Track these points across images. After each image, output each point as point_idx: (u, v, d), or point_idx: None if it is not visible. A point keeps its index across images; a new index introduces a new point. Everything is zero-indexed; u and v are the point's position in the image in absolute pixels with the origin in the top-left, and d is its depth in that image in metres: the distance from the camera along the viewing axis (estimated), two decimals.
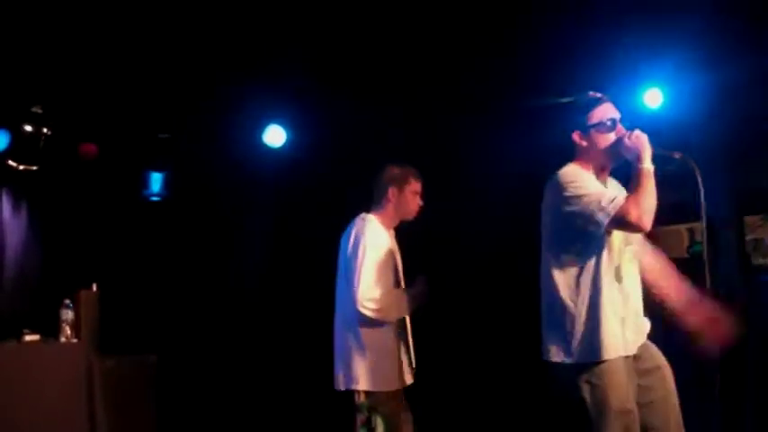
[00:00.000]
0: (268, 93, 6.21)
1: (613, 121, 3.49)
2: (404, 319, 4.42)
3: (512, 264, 5.55)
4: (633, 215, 3.22)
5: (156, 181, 6.64)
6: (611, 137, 3.48)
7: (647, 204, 3.24)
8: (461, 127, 6.43)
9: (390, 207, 4.45)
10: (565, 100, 6.08)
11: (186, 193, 6.77)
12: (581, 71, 5.77)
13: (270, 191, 6.80)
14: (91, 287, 5.46)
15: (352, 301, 4.22)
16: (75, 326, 5.22)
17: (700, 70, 5.61)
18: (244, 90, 6.14)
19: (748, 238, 6.51)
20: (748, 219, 6.38)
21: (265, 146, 6.59)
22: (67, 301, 5.25)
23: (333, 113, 6.48)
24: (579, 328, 3.37)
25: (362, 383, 4.23)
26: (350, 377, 4.29)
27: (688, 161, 3.43)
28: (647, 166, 3.30)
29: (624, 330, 3.40)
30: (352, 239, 4.34)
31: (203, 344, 6.57)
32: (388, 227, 4.45)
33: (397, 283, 4.42)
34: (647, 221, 3.25)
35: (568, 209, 3.37)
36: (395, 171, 4.47)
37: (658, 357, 3.55)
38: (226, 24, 5.45)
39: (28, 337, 5.11)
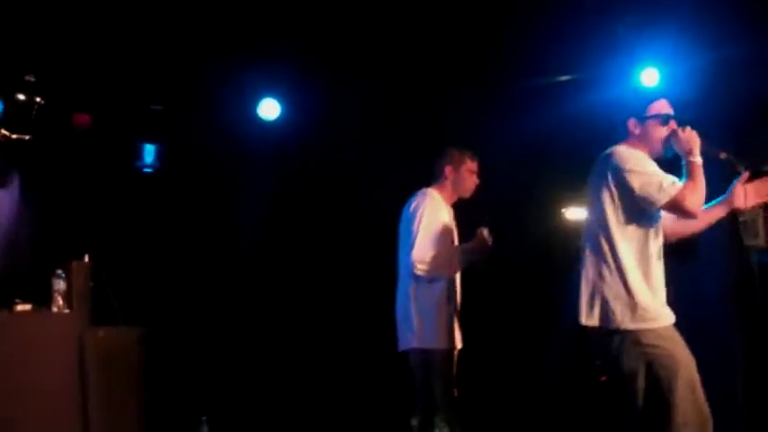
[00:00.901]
0: (263, 66, 6.19)
1: (668, 116, 3.72)
2: (455, 287, 4.73)
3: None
4: (689, 201, 3.50)
5: (149, 152, 6.61)
6: (664, 131, 3.71)
7: (700, 194, 3.55)
8: (459, 102, 6.42)
9: (448, 184, 4.82)
10: (564, 78, 6.09)
11: (179, 165, 6.74)
12: (579, 51, 5.78)
13: (264, 164, 6.78)
14: (83, 257, 5.44)
15: (408, 265, 4.57)
16: (68, 296, 5.20)
17: (696, 50, 5.61)
18: (239, 63, 6.11)
19: (740, 219, 6.53)
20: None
21: (260, 119, 6.57)
22: (60, 271, 5.22)
23: (328, 88, 6.48)
24: (632, 299, 3.55)
25: (418, 342, 4.58)
26: (407, 338, 4.65)
27: (732, 160, 3.75)
28: (698, 160, 3.59)
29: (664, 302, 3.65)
30: (411, 209, 4.67)
31: (196, 316, 6.57)
32: (447, 202, 4.80)
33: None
34: (698, 210, 3.57)
35: (628, 185, 3.57)
36: (452, 151, 4.83)
37: None
38: None
39: (20, 307, 5.09)
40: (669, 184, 3.52)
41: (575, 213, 6.96)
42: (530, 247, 6.55)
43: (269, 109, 6.55)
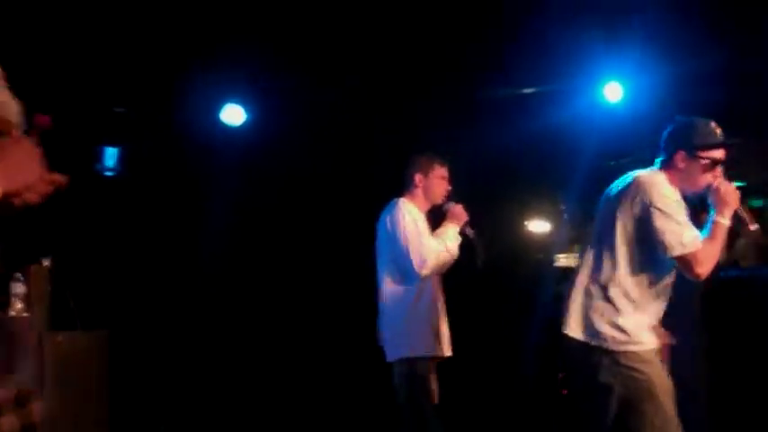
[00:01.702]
0: (227, 70, 6.16)
1: (717, 163, 3.55)
2: (439, 295, 4.72)
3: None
4: (701, 263, 3.40)
5: (110, 156, 6.54)
6: (708, 178, 3.54)
7: (714, 258, 3.43)
8: (425, 111, 6.44)
9: (419, 192, 4.74)
10: (528, 91, 6.14)
11: (141, 168, 6.68)
12: (543, 65, 5.82)
13: (227, 169, 6.74)
14: (42, 261, 5.37)
15: (398, 275, 4.55)
16: (26, 300, 5.13)
17: (660, 63, 5.67)
18: (203, 67, 6.07)
19: None
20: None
21: (223, 124, 6.54)
22: (18, 275, 5.15)
23: (293, 94, 6.46)
24: (627, 319, 3.50)
25: (406, 351, 4.53)
26: (395, 347, 4.58)
27: (758, 233, 3.66)
28: (726, 221, 3.47)
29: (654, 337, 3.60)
30: (388, 224, 4.62)
31: (157, 320, 6.51)
32: (421, 210, 4.72)
33: None
34: (705, 273, 3.43)
35: (651, 221, 3.44)
36: (420, 158, 4.77)
37: None
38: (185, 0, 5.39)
39: None
40: (690, 240, 3.39)
41: (537, 226, 7.02)
42: (493, 258, 6.57)
43: (233, 114, 6.52)
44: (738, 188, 3.60)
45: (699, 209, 3.63)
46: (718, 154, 3.56)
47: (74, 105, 6.20)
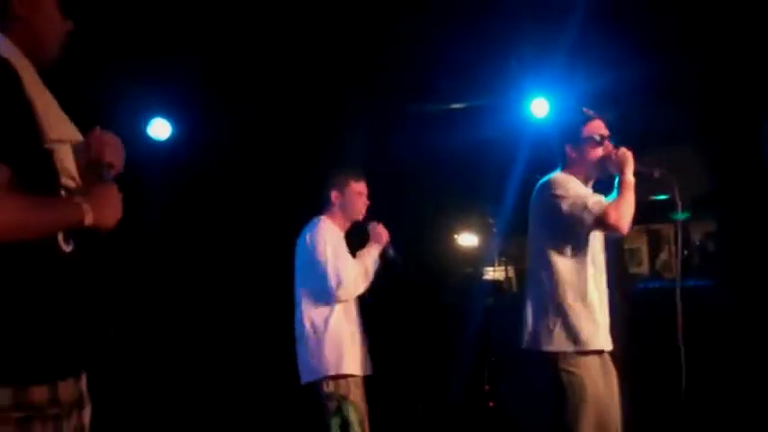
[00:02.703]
0: (153, 85, 6.07)
1: (602, 137, 3.80)
2: (360, 310, 4.66)
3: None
4: (613, 217, 3.57)
5: None
6: (600, 151, 3.79)
7: (626, 210, 3.61)
8: (352, 126, 6.43)
9: (336, 210, 4.66)
10: (456, 106, 6.18)
11: None
12: (471, 81, 5.87)
13: (155, 184, 6.62)
14: None
15: (315, 295, 4.48)
16: None
17: (585, 78, 5.76)
18: (128, 80, 5.97)
19: (625, 247, 6.73)
20: None
21: (150, 138, 6.43)
22: None
23: (219, 108, 6.41)
24: (565, 320, 3.66)
25: (329, 370, 4.43)
26: (316, 367, 4.47)
27: (667, 177, 3.80)
28: (629, 178, 3.67)
29: (600, 329, 3.72)
30: (308, 242, 4.54)
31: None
32: (341, 228, 4.66)
33: None
34: (625, 225, 3.63)
35: (557, 209, 3.68)
36: (336, 175, 4.68)
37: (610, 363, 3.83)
38: (110, 12, 5.29)
39: None
40: (594, 203, 3.62)
41: (466, 239, 7.05)
42: (422, 272, 6.58)
43: (160, 129, 6.42)
44: (662, 201, 3.77)
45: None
46: (598, 128, 3.82)
47: None
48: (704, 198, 6.47)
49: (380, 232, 4.67)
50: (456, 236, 7.05)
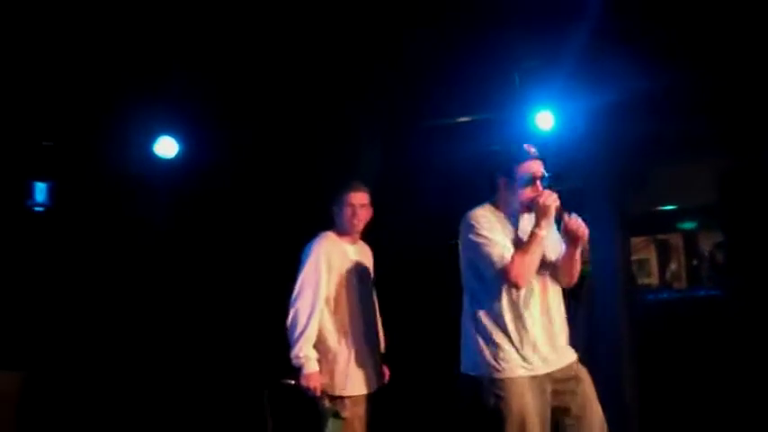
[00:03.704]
0: (160, 103, 6.10)
1: (532, 178, 3.77)
2: (369, 325, 4.67)
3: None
4: (513, 274, 3.62)
5: (40, 191, 6.41)
6: (528, 192, 3.76)
7: (527, 266, 3.65)
8: (358, 142, 6.45)
9: (339, 224, 4.70)
10: (462, 120, 6.19)
11: (72, 203, 6.55)
12: (477, 95, 5.88)
13: (161, 203, 6.65)
14: None
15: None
16: None
17: (589, 93, 5.76)
18: (135, 99, 6.01)
19: (633, 258, 6.72)
20: (633, 240, 6.56)
21: (156, 156, 6.46)
22: None
23: (226, 126, 6.42)
24: (486, 349, 3.74)
25: (325, 389, 4.46)
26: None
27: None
28: (540, 232, 3.66)
29: (532, 353, 3.72)
30: (303, 256, 4.62)
31: (85, 360, 6.36)
32: (347, 241, 4.70)
33: (339, 295, 4.60)
34: (523, 282, 3.65)
35: (470, 252, 3.76)
36: (336, 190, 4.72)
37: (580, 371, 3.84)
38: (116, 32, 5.33)
39: None
40: (499, 256, 3.65)
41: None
42: (427, 288, 6.58)
43: (166, 147, 6.45)
44: (669, 211, 3.79)
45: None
46: (534, 168, 3.78)
47: (2, 140, 6.08)
48: (712, 208, 6.47)
49: None
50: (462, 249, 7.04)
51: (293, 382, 4.51)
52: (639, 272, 7.04)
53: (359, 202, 4.65)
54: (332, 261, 4.57)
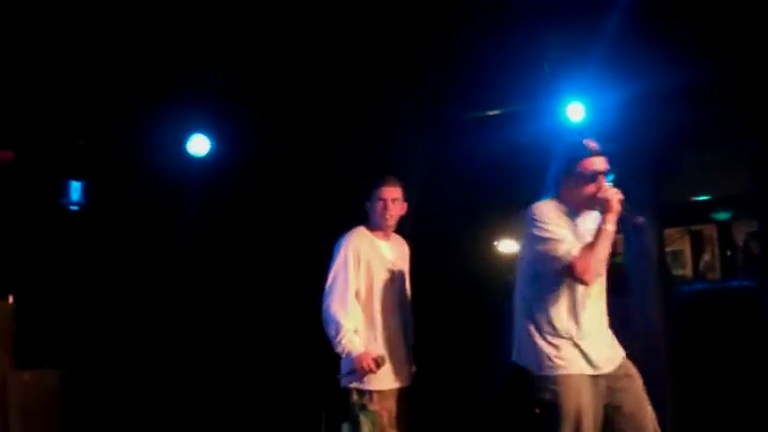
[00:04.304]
0: (192, 101, 6.13)
1: (595, 174, 3.71)
2: (400, 320, 4.68)
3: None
4: (578, 270, 3.59)
5: (75, 190, 6.48)
6: (592, 188, 3.72)
7: (594, 262, 3.60)
8: (390, 137, 6.45)
9: (372, 219, 4.72)
10: (492, 113, 6.18)
11: (106, 202, 6.62)
12: (506, 86, 5.87)
13: (194, 201, 6.70)
14: (7, 298, 5.30)
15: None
16: None
17: (621, 84, 5.73)
18: (167, 97, 6.05)
19: (667, 249, 6.67)
20: (667, 231, 6.52)
21: (189, 155, 6.50)
22: None
23: (258, 123, 6.45)
24: (543, 345, 3.74)
25: (355, 382, 4.48)
26: (342, 376, 4.53)
27: (644, 225, 3.80)
28: (608, 227, 3.63)
29: (588, 350, 3.72)
30: (334, 250, 4.67)
31: (122, 357, 6.43)
32: (380, 236, 4.72)
33: (368, 289, 4.62)
34: (590, 278, 3.62)
35: (533, 246, 3.72)
36: (367, 187, 4.74)
37: (630, 369, 3.82)
38: (148, 31, 5.37)
39: None
40: (564, 251, 3.61)
41: (507, 246, 7.04)
42: (463, 280, 6.58)
43: (199, 145, 6.48)
44: (703, 201, 3.77)
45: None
46: (596, 165, 3.73)
47: (37, 139, 6.15)
48: (746, 198, 6.42)
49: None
50: (496, 242, 7.04)
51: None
52: (673, 263, 7.00)
53: (391, 197, 4.66)
54: (361, 255, 4.60)
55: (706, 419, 5.61)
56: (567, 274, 3.63)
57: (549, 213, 3.73)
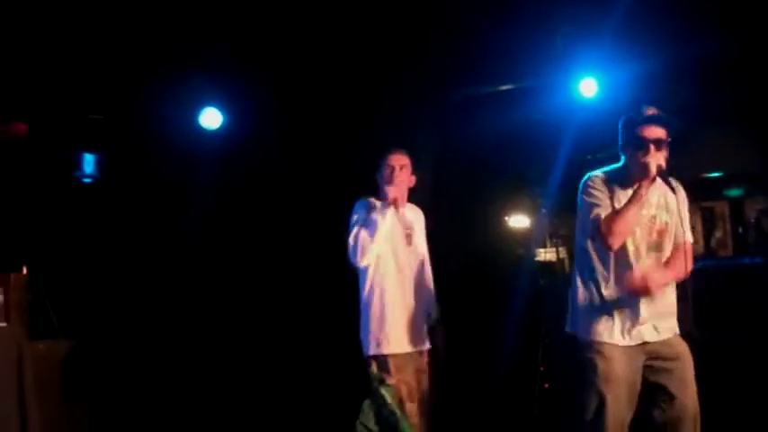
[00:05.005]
0: (204, 75, 6.15)
1: (645, 141, 3.68)
2: (411, 286, 4.72)
3: None
4: (603, 230, 3.65)
5: (88, 162, 6.51)
6: (641, 156, 3.69)
7: (618, 227, 3.63)
8: (400, 111, 6.45)
9: (381, 189, 4.73)
10: (504, 88, 6.16)
11: (120, 174, 6.65)
12: (519, 62, 5.85)
13: (206, 174, 6.72)
14: (21, 270, 5.33)
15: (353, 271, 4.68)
16: (5, 309, 5.09)
17: (633, 60, 5.71)
18: (179, 71, 6.06)
19: None
20: None
21: (201, 128, 6.52)
22: None
23: (270, 97, 6.46)
24: (584, 310, 3.81)
25: (369, 349, 4.59)
26: (363, 344, 4.64)
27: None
28: (640, 191, 3.64)
29: (628, 323, 3.74)
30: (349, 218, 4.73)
31: (138, 328, 6.48)
32: (390, 205, 4.69)
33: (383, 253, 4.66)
34: (614, 242, 3.65)
35: (582, 207, 3.80)
36: (376, 160, 4.80)
37: (680, 349, 3.81)
38: (161, 4, 5.38)
39: None
40: (594, 217, 3.69)
41: (518, 221, 7.05)
42: (475, 254, 6.60)
43: (211, 118, 6.50)
44: (714, 178, 3.77)
45: None
46: (649, 133, 3.69)
47: (50, 113, 6.17)
48: (758, 175, 6.40)
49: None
50: (507, 217, 7.05)
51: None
52: None
53: (398, 164, 4.71)
54: (365, 216, 4.65)
55: (717, 399, 5.62)
56: (596, 235, 3.69)
57: (596, 181, 3.79)
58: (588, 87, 6.06)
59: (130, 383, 6.32)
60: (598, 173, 3.83)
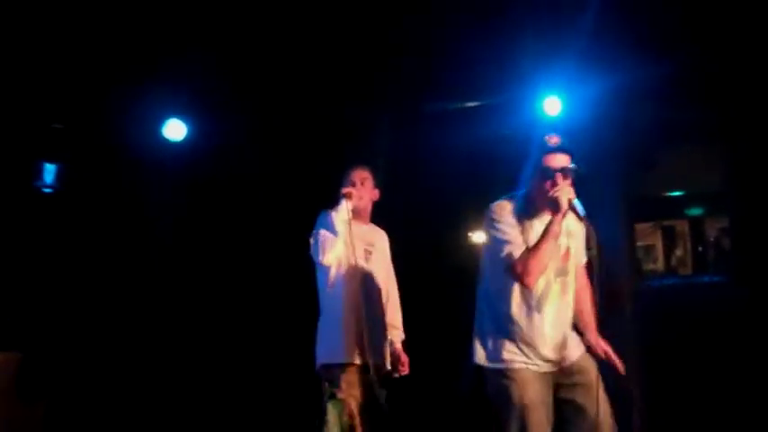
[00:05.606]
0: (168, 86, 6.11)
1: (550, 171, 3.60)
2: (368, 301, 4.66)
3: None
4: (518, 270, 3.56)
5: (49, 172, 6.43)
6: (548, 186, 3.60)
7: (533, 266, 3.54)
8: (366, 125, 6.47)
9: None
10: (470, 104, 6.19)
11: (81, 185, 6.57)
12: (483, 79, 5.88)
13: (169, 185, 6.68)
14: None
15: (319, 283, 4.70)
16: None
17: (593, 79, 5.77)
18: (143, 81, 6.02)
19: (639, 244, 6.73)
20: (639, 226, 6.57)
21: (165, 139, 6.48)
22: None
23: (235, 109, 6.44)
24: (493, 341, 3.76)
25: (320, 357, 4.63)
26: (316, 354, 4.66)
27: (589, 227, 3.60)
28: (554, 228, 3.54)
29: (538, 353, 3.70)
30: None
31: (92, 339, 6.39)
32: (355, 219, 4.65)
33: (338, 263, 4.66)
34: (530, 280, 3.58)
35: (488, 244, 3.75)
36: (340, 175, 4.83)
37: (585, 362, 3.80)
38: (125, 14, 5.34)
39: None
40: (507, 254, 3.59)
41: (480, 237, 7.06)
42: (438, 270, 6.59)
43: (175, 129, 6.46)
44: (676, 197, 3.76)
45: None
46: (553, 161, 3.62)
47: (11, 122, 6.10)
48: (719, 195, 6.47)
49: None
50: (470, 233, 7.07)
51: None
52: (645, 258, 7.06)
53: (359, 178, 4.76)
54: (326, 225, 4.62)
55: (675, 415, 5.66)
56: (511, 273, 3.60)
57: (503, 213, 3.68)
58: (552, 105, 6.10)
59: (74, 396, 6.22)
60: (503, 202, 3.73)
